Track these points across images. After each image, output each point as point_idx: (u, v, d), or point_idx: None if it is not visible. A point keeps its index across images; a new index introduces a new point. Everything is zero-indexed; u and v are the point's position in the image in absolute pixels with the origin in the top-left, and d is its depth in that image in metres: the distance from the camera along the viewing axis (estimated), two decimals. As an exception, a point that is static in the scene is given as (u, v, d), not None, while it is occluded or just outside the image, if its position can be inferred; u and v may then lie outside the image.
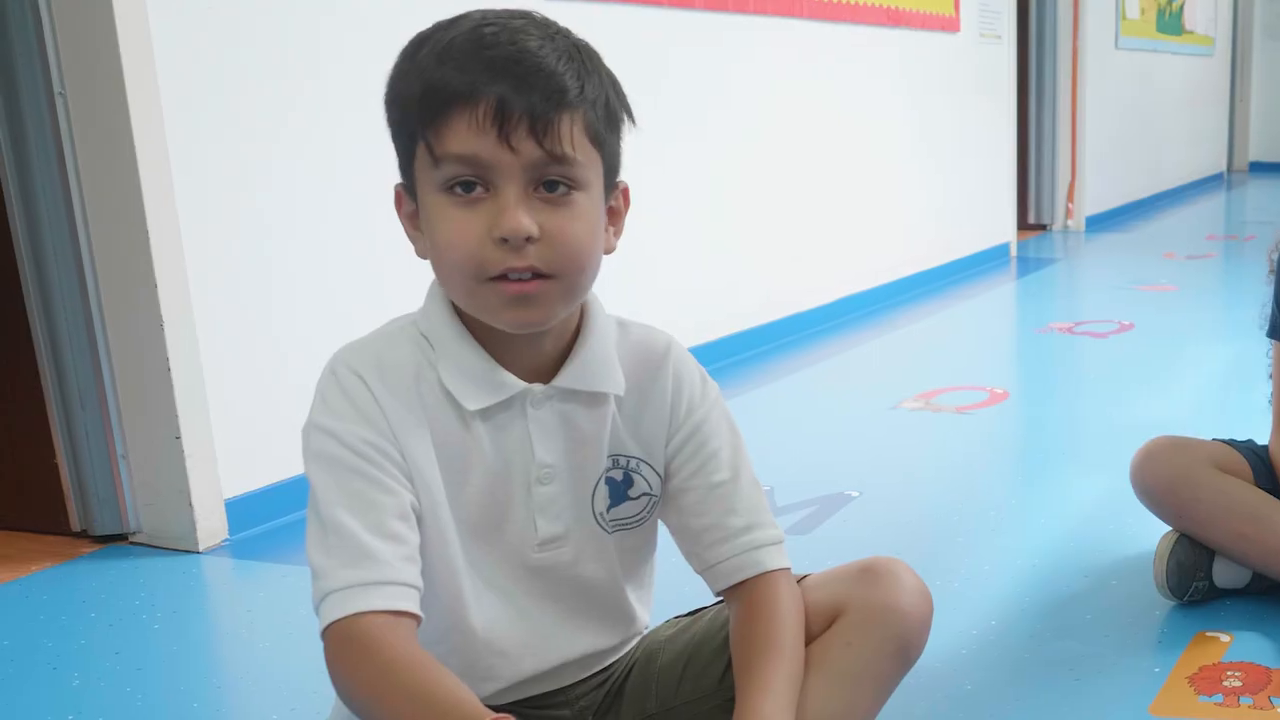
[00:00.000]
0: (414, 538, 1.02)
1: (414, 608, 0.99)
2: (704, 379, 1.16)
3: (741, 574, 1.12)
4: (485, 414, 1.05)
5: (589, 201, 1.01)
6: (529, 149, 0.96)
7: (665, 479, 1.15)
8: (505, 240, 0.96)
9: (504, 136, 0.95)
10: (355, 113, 2.29)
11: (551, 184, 0.98)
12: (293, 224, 2.24)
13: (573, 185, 0.99)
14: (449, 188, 0.97)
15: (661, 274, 3.18)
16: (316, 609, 0.98)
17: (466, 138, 0.95)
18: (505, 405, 1.05)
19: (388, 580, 0.97)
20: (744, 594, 1.13)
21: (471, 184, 0.97)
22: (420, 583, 1.01)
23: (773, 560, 1.13)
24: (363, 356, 1.03)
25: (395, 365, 1.03)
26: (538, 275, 0.98)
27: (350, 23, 2.34)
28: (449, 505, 1.05)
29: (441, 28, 0.99)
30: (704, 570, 1.15)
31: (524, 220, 0.96)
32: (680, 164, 3.24)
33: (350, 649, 0.96)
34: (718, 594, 1.16)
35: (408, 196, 1.04)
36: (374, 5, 2.37)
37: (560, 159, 0.97)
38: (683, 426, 1.13)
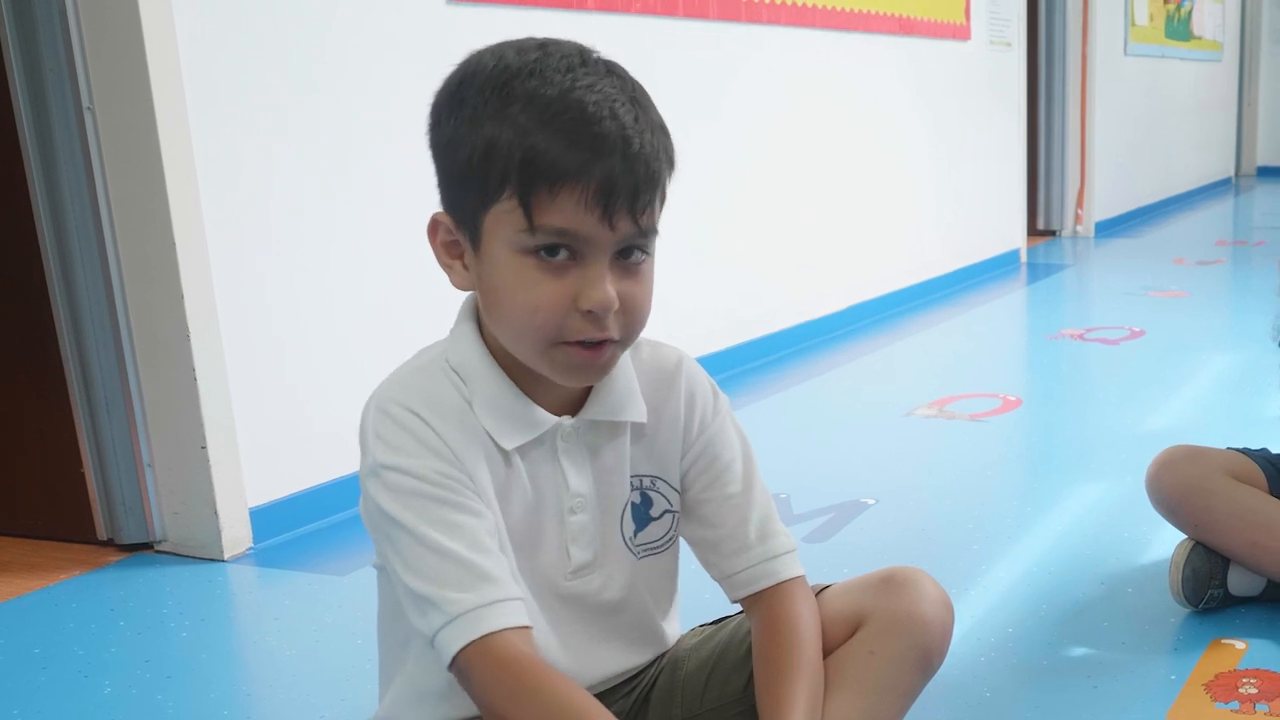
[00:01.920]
0: (504, 556, 1.03)
1: (528, 620, 1.01)
2: (715, 392, 1.18)
3: (758, 584, 1.15)
4: (521, 450, 1.07)
5: (651, 263, 1.03)
6: (625, 226, 0.97)
7: (681, 493, 1.17)
8: (590, 312, 0.97)
9: (606, 216, 0.96)
10: (389, 128, 2.32)
11: (628, 250, 0.99)
12: (320, 235, 2.26)
13: (646, 252, 1.01)
14: (534, 251, 0.97)
15: (670, 282, 3.16)
16: (434, 638, 0.98)
17: (573, 214, 0.95)
18: (538, 441, 1.07)
19: (506, 597, 0.98)
20: (761, 605, 1.15)
21: (556, 249, 0.97)
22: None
23: (788, 569, 1.16)
24: (409, 393, 1.03)
25: (442, 399, 1.04)
26: (607, 340, 1.00)
27: (389, 41, 2.36)
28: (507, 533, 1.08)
29: (524, 72, 0.97)
30: (721, 579, 1.18)
31: (612, 295, 0.97)
32: (688, 172, 3.23)
33: (493, 670, 0.97)
34: (734, 601, 1.19)
35: (458, 230, 1.02)
36: (411, 28, 2.39)
37: (649, 233, 1.00)
38: (696, 442, 1.16)
